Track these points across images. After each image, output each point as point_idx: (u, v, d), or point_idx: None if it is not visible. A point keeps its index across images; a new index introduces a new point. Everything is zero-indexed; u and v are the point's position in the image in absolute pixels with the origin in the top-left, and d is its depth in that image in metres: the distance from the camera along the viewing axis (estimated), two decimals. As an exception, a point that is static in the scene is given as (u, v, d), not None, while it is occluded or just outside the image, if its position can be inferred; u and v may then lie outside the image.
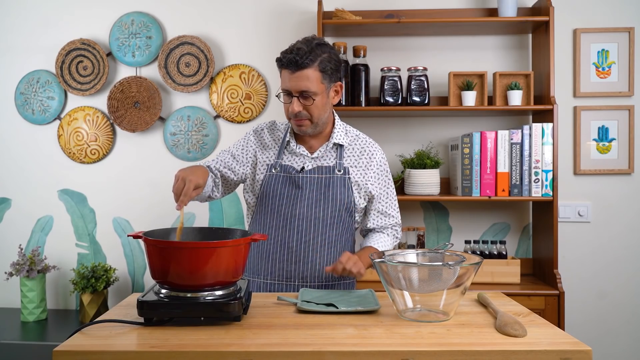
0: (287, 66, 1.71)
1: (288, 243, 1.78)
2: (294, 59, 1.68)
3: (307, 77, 1.70)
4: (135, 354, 1.14)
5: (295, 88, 1.71)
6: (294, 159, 1.84)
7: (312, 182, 1.80)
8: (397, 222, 1.93)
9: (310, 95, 1.71)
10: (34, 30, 2.86)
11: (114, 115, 2.80)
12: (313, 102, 1.72)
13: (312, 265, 1.78)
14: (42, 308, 2.65)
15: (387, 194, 1.90)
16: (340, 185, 1.80)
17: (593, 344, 2.62)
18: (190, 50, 2.77)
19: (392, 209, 1.92)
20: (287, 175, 1.81)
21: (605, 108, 2.69)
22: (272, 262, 1.80)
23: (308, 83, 1.70)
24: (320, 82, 1.72)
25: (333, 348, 1.14)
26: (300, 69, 1.69)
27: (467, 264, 1.30)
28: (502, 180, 2.51)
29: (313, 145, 1.85)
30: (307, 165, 1.83)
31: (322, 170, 1.81)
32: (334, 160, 1.83)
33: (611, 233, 2.72)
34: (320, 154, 1.84)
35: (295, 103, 1.72)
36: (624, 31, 2.68)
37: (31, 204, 2.87)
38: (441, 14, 2.70)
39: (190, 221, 2.81)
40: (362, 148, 1.87)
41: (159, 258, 1.32)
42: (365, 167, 1.85)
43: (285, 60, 1.70)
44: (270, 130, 1.92)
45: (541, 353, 1.14)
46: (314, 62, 1.70)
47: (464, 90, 2.56)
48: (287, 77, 1.72)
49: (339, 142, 1.84)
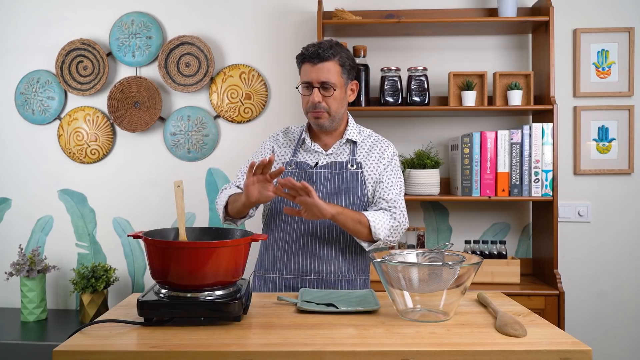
0: (309, 59, 1.81)
1: (302, 237, 1.82)
2: (317, 51, 1.80)
3: (328, 69, 1.80)
4: (135, 354, 1.14)
5: (316, 79, 1.80)
6: (308, 156, 1.91)
7: (326, 177, 1.85)
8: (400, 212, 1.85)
9: (330, 85, 1.81)
10: (34, 30, 2.86)
11: (114, 115, 2.80)
12: (333, 94, 1.81)
13: (328, 259, 1.82)
14: (42, 308, 2.65)
15: (394, 183, 1.87)
16: (353, 179, 1.85)
17: (593, 344, 2.62)
18: (190, 50, 2.77)
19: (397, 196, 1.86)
20: (301, 172, 1.87)
21: (605, 108, 2.69)
22: (288, 257, 1.83)
23: (329, 75, 1.80)
24: (340, 76, 1.83)
25: (333, 348, 1.14)
26: (322, 60, 1.80)
27: (467, 264, 1.30)
28: (502, 180, 2.51)
29: (327, 142, 1.93)
30: (321, 161, 1.88)
31: (335, 165, 1.87)
32: (347, 156, 1.89)
33: (611, 233, 2.72)
34: (334, 150, 1.91)
35: (316, 94, 1.81)
36: (624, 31, 2.68)
37: (31, 204, 2.87)
38: (441, 14, 2.70)
39: (190, 221, 2.81)
40: (374, 144, 1.93)
41: (159, 258, 1.32)
42: (378, 160, 1.89)
43: (308, 53, 1.81)
44: (285, 133, 2.02)
45: (541, 353, 1.14)
46: (335, 57, 1.81)
47: (464, 90, 2.56)
48: (309, 70, 1.82)
49: (352, 138, 1.91)
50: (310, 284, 1.81)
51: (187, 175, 2.79)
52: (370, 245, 1.81)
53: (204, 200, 2.81)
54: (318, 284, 1.81)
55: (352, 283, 1.85)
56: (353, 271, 1.86)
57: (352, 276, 1.85)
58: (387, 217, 1.82)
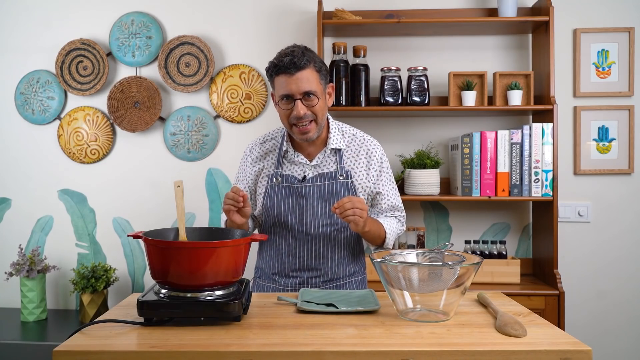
0: (285, 69, 1.66)
1: (299, 252, 1.79)
2: (292, 60, 1.65)
3: (307, 78, 1.67)
4: (135, 354, 1.14)
5: (297, 90, 1.67)
6: (293, 168, 1.82)
7: (316, 191, 1.78)
8: (403, 215, 1.93)
9: (313, 94, 1.68)
10: (34, 30, 2.86)
11: (114, 115, 2.80)
12: (317, 103, 1.69)
13: (326, 270, 1.80)
14: (42, 308, 2.65)
15: (393, 188, 1.90)
16: (344, 190, 1.78)
17: (593, 344, 2.62)
18: (190, 50, 2.77)
19: (399, 201, 1.91)
20: (290, 186, 1.79)
21: (605, 108, 2.69)
22: (286, 272, 1.81)
23: (310, 84, 1.67)
24: (319, 83, 1.71)
25: (333, 348, 1.14)
26: (299, 69, 1.66)
27: (467, 264, 1.30)
28: (502, 180, 2.51)
29: (311, 152, 1.82)
30: (307, 174, 1.80)
31: (324, 177, 1.79)
32: (334, 166, 1.81)
33: (611, 233, 2.72)
34: (319, 160, 1.81)
35: (300, 106, 1.67)
36: (624, 31, 2.68)
37: (31, 204, 2.87)
38: (441, 14, 2.70)
39: (190, 221, 2.81)
40: (360, 147, 1.84)
41: (159, 258, 1.32)
42: (367, 167, 1.83)
43: (284, 64, 1.66)
44: (261, 144, 1.89)
45: (541, 353, 1.14)
46: (310, 63, 1.68)
47: (464, 90, 2.56)
48: (286, 82, 1.67)
49: (336, 146, 1.81)
50: None
51: (187, 175, 2.79)
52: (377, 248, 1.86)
53: (204, 200, 2.81)
54: None
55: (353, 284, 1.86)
56: (353, 273, 1.86)
57: (351, 278, 1.86)
58: (398, 226, 1.90)
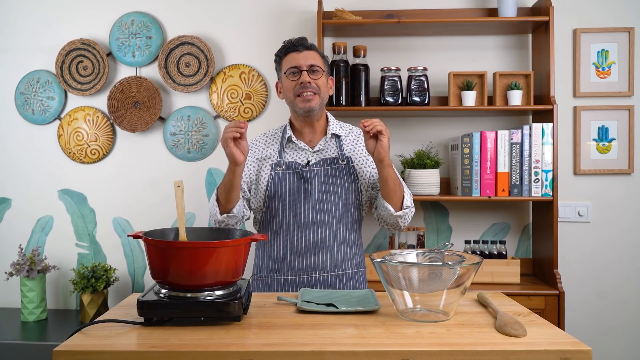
0: (294, 48, 1.88)
1: (304, 236, 1.83)
2: (301, 41, 1.90)
3: (314, 56, 1.89)
4: (135, 354, 1.14)
5: (305, 63, 1.86)
6: (296, 155, 1.92)
7: (320, 175, 1.87)
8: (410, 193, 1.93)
9: (318, 68, 1.87)
10: (34, 30, 2.86)
11: (114, 115, 2.80)
12: (321, 76, 1.87)
13: (330, 255, 1.84)
14: (42, 308, 2.65)
15: None
16: (346, 174, 1.88)
17: (593, 344, 2.61)
18: (190, 50, 2.77)
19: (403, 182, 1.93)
20: (294, 171, 1.88)
21: (605, 108, 2.69)
22: (291, 258, 1.84)
23: (315, 60, 1.88)
24: (323, 64, 1.91)
25: (333, 348, 1.14)
26: (307, 49, 1.89)
27: (467, 264, 1.30)
28: (502, 180, 2.51)
29: (312, 139, 1.95)
30: (311, 160, 1.90)
31: (326, 162, 1.89)
32: (335, 152, 1.92)
33: (611, 233, 2.72)
34: (321, 146, 1.93)
35: (305, 75, 1.85)
36: (624, 31, 2.68)
37: (31, 204, 2.87)
38: (441, 14, 2.70)
39: (190, 221, 2.81)
40: (357, 137, 1.97)
41: (159, 258, 1.32)
42: (366, 153, 1.92)
43: (292, 43, 1.89)
44: (262, 138, 2.02)
45: (541, 353, 1.14)
46: (316, 49, 1.93)
47: (464, 90, 2.56)
48: (295, 57, 1.88)
49: (336, 132, 1.94)
50: (315, 282, 1.83)
51: (187, 175, 2.79)
52: (396, 212, 1.82)
53: (204, 200, 2.81)
54: (323, 281, 1.84)
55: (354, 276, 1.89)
56: (354, 264, 1.90)
57: (353, 269, 1.90)
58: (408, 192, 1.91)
